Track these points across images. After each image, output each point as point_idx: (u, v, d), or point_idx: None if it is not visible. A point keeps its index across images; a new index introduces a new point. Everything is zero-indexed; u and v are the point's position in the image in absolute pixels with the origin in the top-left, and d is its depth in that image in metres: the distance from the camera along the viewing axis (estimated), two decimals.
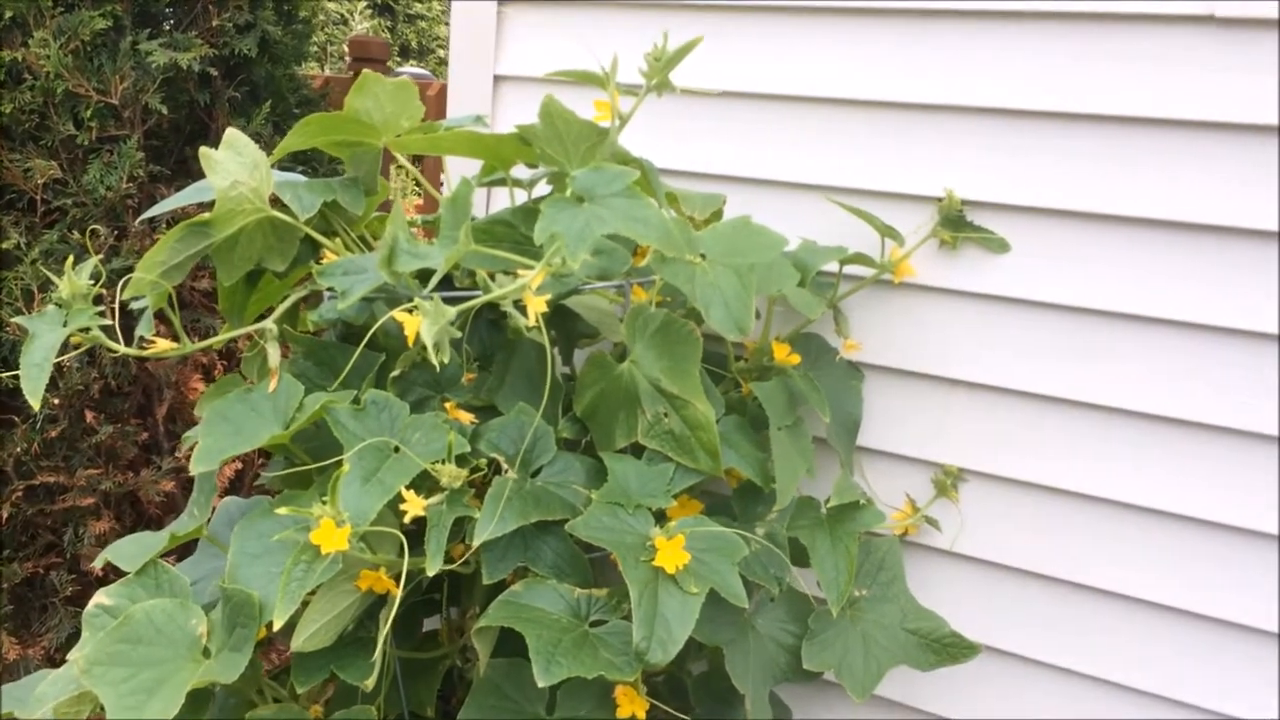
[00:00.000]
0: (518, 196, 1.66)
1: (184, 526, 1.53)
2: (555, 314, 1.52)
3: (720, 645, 1.49)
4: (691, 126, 1.83)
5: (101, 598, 1.41)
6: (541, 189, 1.72)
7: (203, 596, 1.49)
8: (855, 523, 1.58)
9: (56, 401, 2.47)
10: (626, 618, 1.35)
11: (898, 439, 1.75)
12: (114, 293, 1.47)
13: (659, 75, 1.46)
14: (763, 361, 1.61)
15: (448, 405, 1.48)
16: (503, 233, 1.48)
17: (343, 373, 1.50)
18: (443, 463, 1.33)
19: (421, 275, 1.45)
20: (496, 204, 2.01)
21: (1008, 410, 1.66)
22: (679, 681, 1.63)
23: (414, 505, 1.29)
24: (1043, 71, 1.57)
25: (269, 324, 1.50)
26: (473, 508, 1.34)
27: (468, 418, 1.46)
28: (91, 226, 2.44)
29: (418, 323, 1.21)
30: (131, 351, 1.43)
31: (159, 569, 1.43)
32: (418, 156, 1.59)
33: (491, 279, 1.35)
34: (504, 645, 1.45)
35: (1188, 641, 1.60)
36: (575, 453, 1.49)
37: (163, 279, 1.46)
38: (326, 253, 1.58)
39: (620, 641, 1.31)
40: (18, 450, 2.43)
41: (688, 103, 1.81)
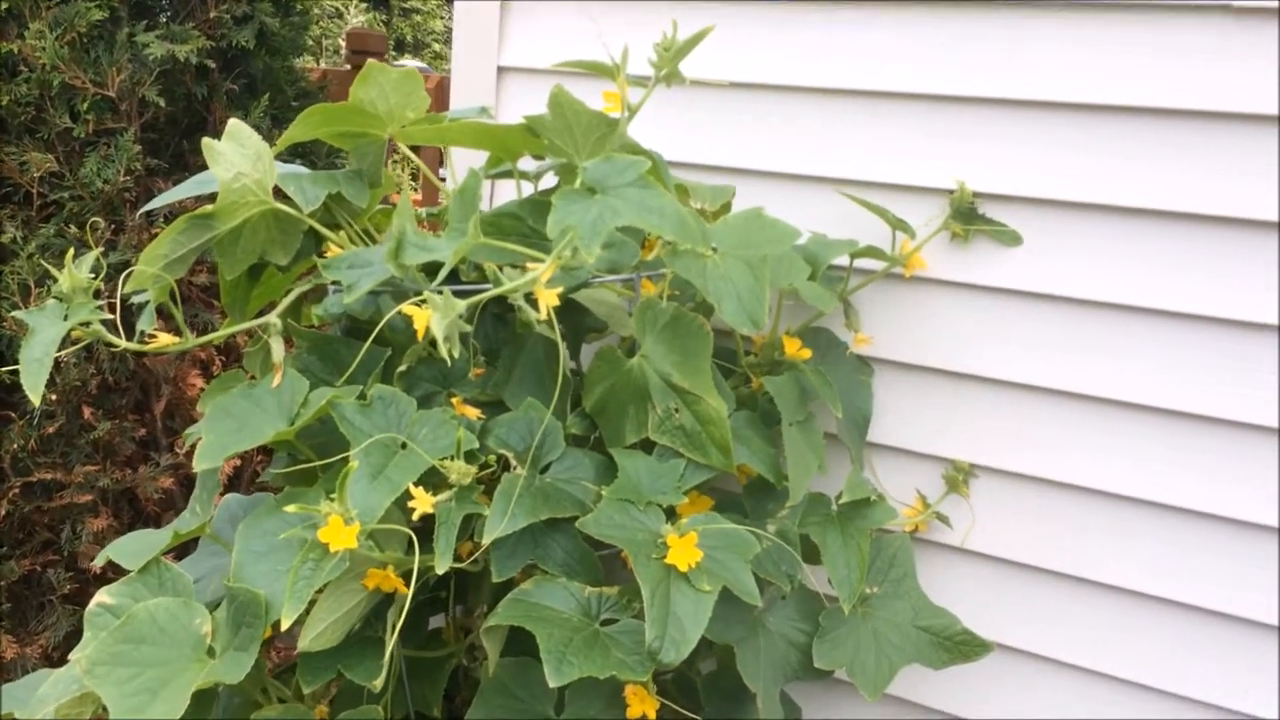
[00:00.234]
0: (524, 190, 1.64)
1: (187, 524, 1.51)
2: (563, 308, 1.50)
3: (731, 643, 1.47)
4: (699, 118, 1.81)
5: (103, 597, 1.38)
6: (547, 182, 1.70)
7: (204, 595, 1.46)
8: (867, 520, 1.56)
9: (54, 397, 2.44)
10: (637, 616, 1.33)
11: (908, 434, 1.73)
12: (111, 287, 1.44)
13: (668, 66, 1.44)
14: (773, 356, 1.59)
15: (454, 400, 1.46)
16: (510, 225, 1.46)
17: (347, 367, 1.48)
18: (451, 459, 1.31)
19: (427, 269, 1.43)
20: (500, 197, 1.99)
21: (1019, 405, 1.65)
22: (687, 680, 1.61)
23: (423, 502, 1.27)
24: (1056, 62, 1.55)
25: (273, 318, 1.48)
26: (482, 505, 1.32)
27: (475, 413, 1.44)
28: (91, 219, 2.41)
29: (427, 316, 1.19)
30: (134, 346, 1.40)
31: (162, 567, 1.41)
32: (414, 149, 1.57)
33: (499, 272, 1.33)
34: (511, 644, 1.43)
35: (1199, 638, 1.58)
36: (584, 449, 1.47)
37: (165, 272, 1.44)
38: (331, 246, 1.56)
39: (632, 641, 1.29)
40: (14, 447, 2.41)
41: (696, 94, 1.79)
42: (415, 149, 1.61)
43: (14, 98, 2.39)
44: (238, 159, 1.42)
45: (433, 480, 1.31)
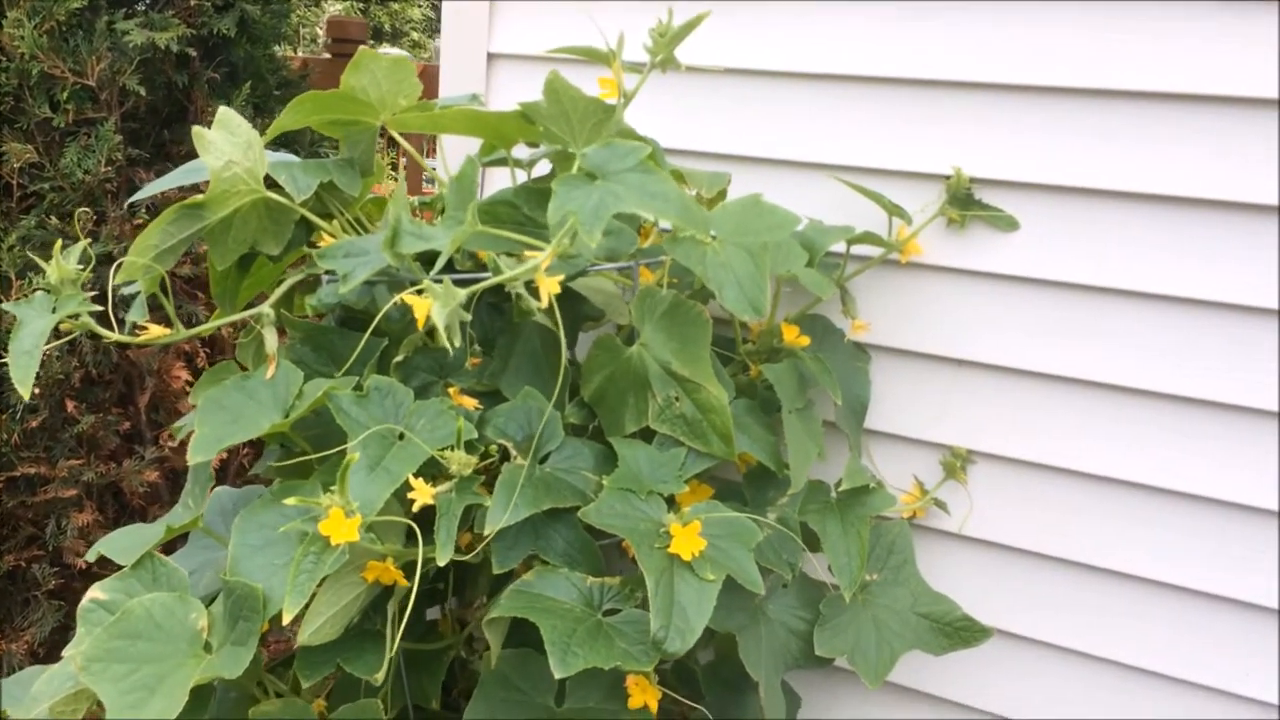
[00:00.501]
0: (518, 177, 1.62)
1: (179, 518, 1.49)
2: (561, 296, 1.48)
3: (732, 632, 1.46)
4: (694, 105, 1.79)
5: (97, 592, 1.36)
6: (540, 169, 1.68)
7: (196, 589, 1.44)
8: (866, 507, 1.56)
9: (37, 391, 2.41)
10: (639, 606, 1.32)
11: (905, 421, 1.73)
12: (94, 279, 1.42)
13: (664, 51, 1.42)
14: (772, 343, 1.58)
15: (451, 391, 1.44)
16: (506, 213, 1.45)
17: (342, 358, 1.47)
18: (451, 449, 1.29)
19: (422, 258, 1.41)
20: (490, 186, 1.97)
21: (1017, 391, 1.64)
22: (687, 670, 1.61)
23: (423, 493, 1.25)
24: (1051, 47, 1.54)
25: (266, 309, 1.46)
26: (482, 495, 1.30)
27: (472, 403, 1.43)
28: (80, 209, 2.38)
29: (427, 305, 1.17)
30: (125, 339, 1.38)
31: (155, 562, 1.39)
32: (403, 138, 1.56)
33: (490, 259, 1.32)
34: (510, 636, 1.42)
35: (1201, 622, 1.59)
36: (582, 438, 1.46)
37: (155, 263, 1.41)
38: (323, 235, 1.54)
39: (635, 631, 1.28)
40: None
41: (690, 80, 1.77)
42: (405, 138, 1.59)
43: None
44: (228, 147, 1.40)
45: (430, 471, 1.30)
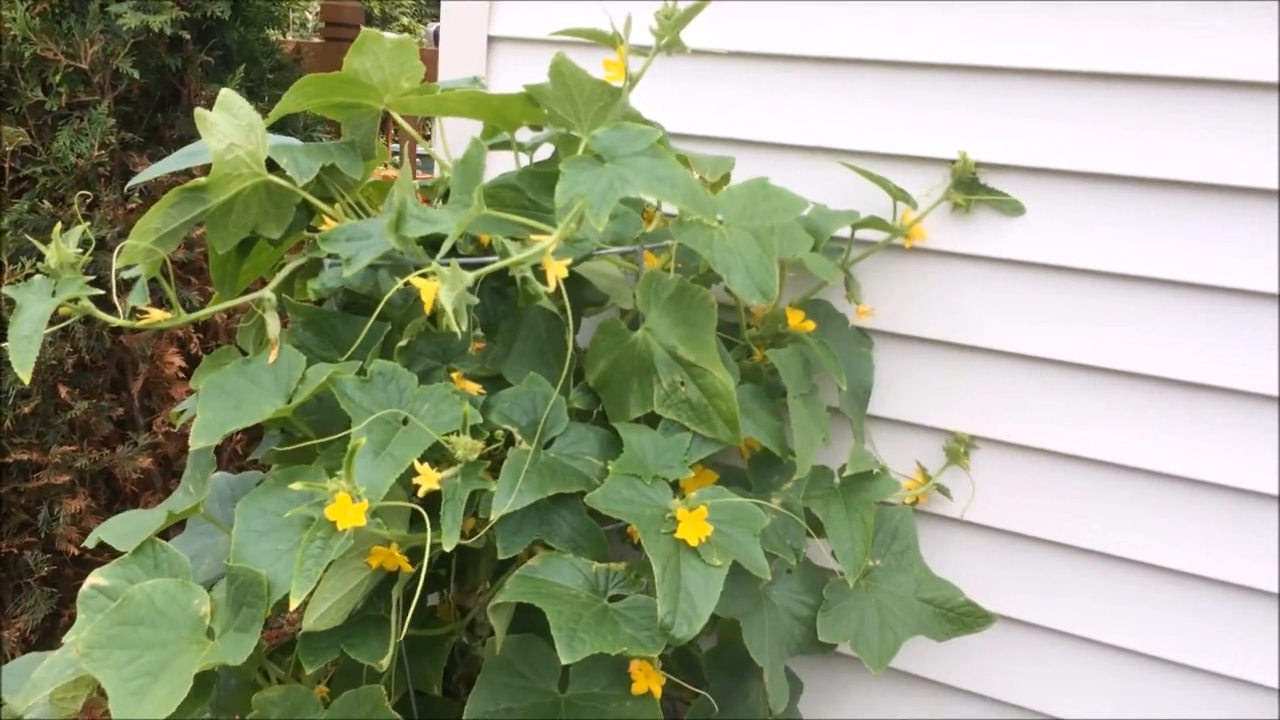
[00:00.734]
0: (520, 161, 1.61)
1: (180, 504, 1.48)
2: (565, 281, 1.48)
3: (736, 618, 1.46)
4: (696, 87, 1.78)
5: (97, 578, 1.35)
6: (541, 154, 1.67)
7: (196, 575, 1.43)
8: (870, 492, 1.56)
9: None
10: (644, 592, 1.32)
11: (908, 406, 1.73)
12: (88, 263, 1.40)
13: (670, 34, 1.41)
14: (776, 329, 1.57)
15: (455, 376, 1.44)
16: (509, 197, 1.44)
17: (344, 342, 1.46)
18: (456, 434, 1.29)
19: (425, 242, 1.40)
20: (491, 170, 1.95)
21: (1020, 376, 1.64)
22: (689, 655, 1.60)
23: (428, 479, 1.24)
24: (1057, 30, 1.53)
25: (267, 293, 1.45)
26: (487, 481, 1.29)
27: (475, 388, 1.42)
28: (81, 193, 2.36)
29: (435, 289, 1.16)
30: (127, 323, 1.37)
31: (157, 547, 1.38)
32: (392, 120, 1.55)
33: (505, 244, 1.31)
34: (513, 621, 1.42)
35: (1203, 607, 1.59)
36: (586, 423, 1.45)
37: (156, 246, 1.40)
38: (325, 219, 1.52)
39: (641, 616, 1.28)
40: None
41: (693, 64, 1.76)
42: (417, 121, 1.58)
43: None
44: (230, 130, 1.38)
45: (433, 456, 1.29)
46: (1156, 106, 1.50)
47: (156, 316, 1.42)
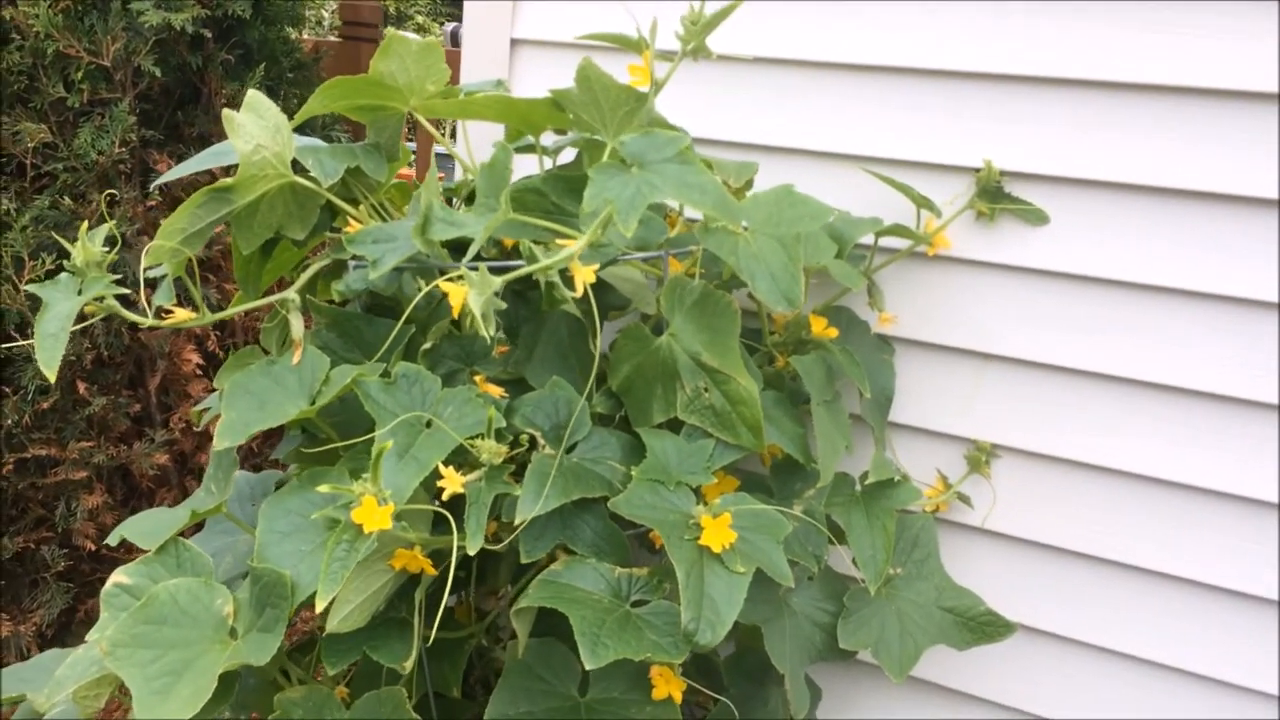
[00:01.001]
0: (544, 165, 1.61)
1: (202, 503, 1.49)
2: (590, 285, 1.48)
3: (758, 624, 1.46)
4: (719, 93, 1.78)
5: (121, 576, 1.35)
6: (564, 156, 1.67)
7: (215, 575, 1.43)
8: (891, 500, 1.55)
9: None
10: (667, 598, 1.31)
11: (929, 414, 1.72)
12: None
13: (696, 39, 1.41)
14: (799, 335, 1.57)
15: (477, 379, 1.44)
16: (534, 201, 1.43)
17: (368, 344, 1.46)
18: (481, 438, 1.29)
19: (448, 244, 1.40)
20: (514, 172, 1.95)
21: (1043, 386, 1.64)
22: (708, 661, 1.60)
23: (453, 482, 1.24)
24: (1083, 41, 1.53)
25: (292, 294, 1.45)
26: (512, 485, 1.30)
27: (498, 391, 1.42)
28: (106, 191, 2.36)
29: (463, 293, 1.16)
30: (153, 322, 1.37)
31: (180, 546, 1.38)
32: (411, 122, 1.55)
33: (532, 248, 1.31)
34: (534, 625, 1.42)
35: (1224, 619, 1.59)
36: (609, 428, 1.45)
37: (183, 246, 1.40)
38: (349, 221, 1.53)
39: (664, 622, 1.28)
40: (9, 422, 2.37)
41: (717, 69, 1.76)
42: (435, 123, 1.58)
43: (7, 66, 2.33)
44: (257, 131, 1.39)
45: (455, 459, 1.29)
46: (1187, 118, 1.49)
47: (181, 316, 1.42)
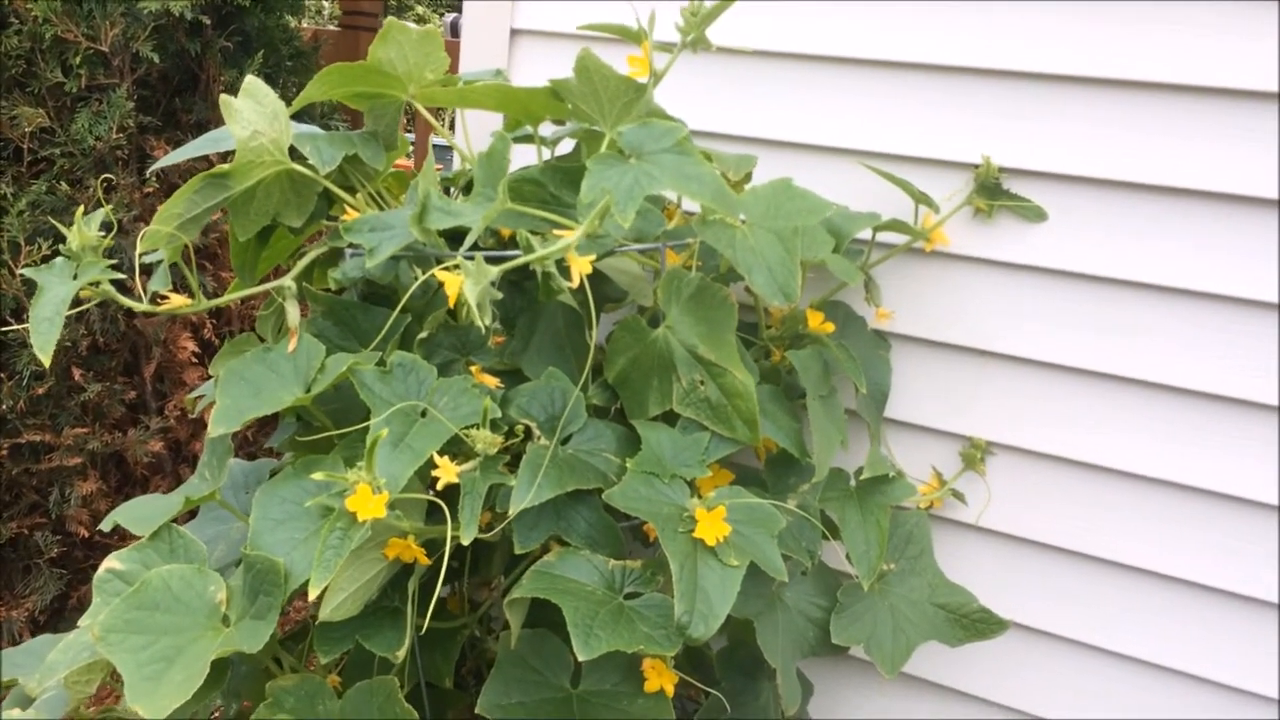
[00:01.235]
0: (543, 155, 1.60)
1: (196, 489, 1.48)
2: (587, 276, 1.48)
3: (750, 618, 1.46)
4: (718, 85, 1.77)
5: (113, 562, 1.35)
6: (563, 147, 1.67)
7: (209, 562, 1.43)
8: (885, 496, 1.55)
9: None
10: (660, 590, 1.31)
11: (925, 411, 1.72)
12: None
13: (696, 30, 1.41)
14: (796, 329, 1.57)
15: (473, 369, 1.43)
16: (531, 191, 1.43)
17: (363, 332, 1.46)
18: (476, 428, 1.28)
19: (444, 234, 1.40)
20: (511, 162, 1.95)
21: (1040, 383, 1.64)
22: (700, 654, 1.60)
23: (447, 472, 1.24)
24: (1083, 37, 1.53)
25: (288, 281, 1.45)
26: (506, 475, 1.29)
27: (494, 382, 1.42)
28: (104, 175, 2.35)
29: (459, 282, 1.16)
30: (149, 308, 1.37)
31: (173, 533, 1.38)
32: (429, 112, 1.55)
33: (522, 237, 1.30)
34: (526, 616, 1.42)
35: (1215, 618, 1.59)
36: (604, 420, 1.45)
37: (179, 232, 1.40)
38: (346, 208, 1.52)
39: (658, 615, 1.28)
40: (3, 408, 2.36)
41: (716, 62, 1.75)
42: (432, 112, 1.57)
43: (4, 50, 2.32)
44: (255, 117, 1.38)
45: (450, 449, 1.29)
46: (1185, 117, 1.49)
47: (177, 302, 1.42)
